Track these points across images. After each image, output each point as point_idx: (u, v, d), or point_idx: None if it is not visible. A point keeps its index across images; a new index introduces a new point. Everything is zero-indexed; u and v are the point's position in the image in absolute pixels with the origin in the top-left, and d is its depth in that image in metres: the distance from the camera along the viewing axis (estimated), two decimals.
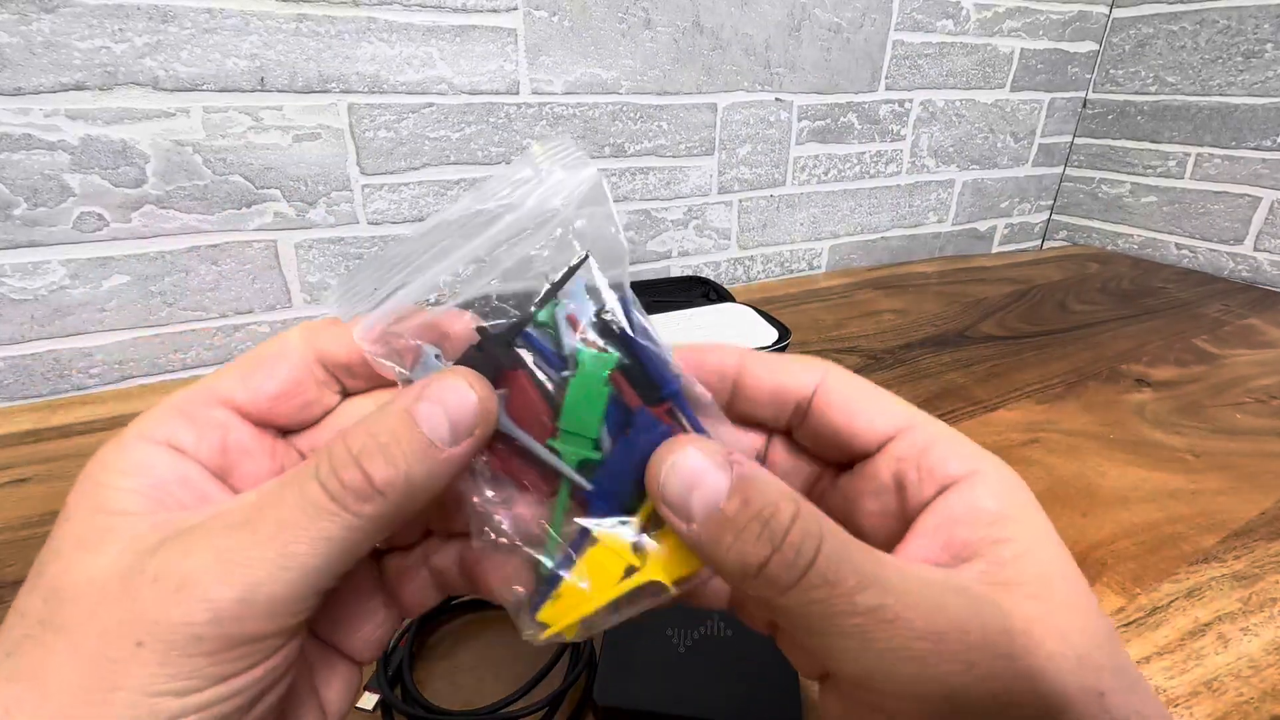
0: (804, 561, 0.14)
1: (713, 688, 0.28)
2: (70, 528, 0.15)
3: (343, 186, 0.62)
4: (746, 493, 0.14)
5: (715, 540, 0.15)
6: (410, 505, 0.15)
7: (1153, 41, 0.97)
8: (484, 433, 0.16)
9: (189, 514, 0.15)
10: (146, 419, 0.17)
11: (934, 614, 0.14)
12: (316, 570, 0.14)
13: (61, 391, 0.58)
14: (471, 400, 0.16)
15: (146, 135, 0.54)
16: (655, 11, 0.70)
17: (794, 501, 0.14)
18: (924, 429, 0.17)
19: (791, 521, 0.14)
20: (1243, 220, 0.91)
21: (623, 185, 0.76)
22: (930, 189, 1.00)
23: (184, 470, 0.16)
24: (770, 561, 0.14)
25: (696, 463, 0.15)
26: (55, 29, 0.49)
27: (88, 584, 0.14)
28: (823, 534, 0.14)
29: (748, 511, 0.14)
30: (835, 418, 0.18)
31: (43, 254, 0.54)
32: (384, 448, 0.15)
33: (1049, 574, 0.15)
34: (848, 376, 0.19)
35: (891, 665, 0.13)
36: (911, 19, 0.86)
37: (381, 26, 0.59)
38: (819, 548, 0.14)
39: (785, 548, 0.14)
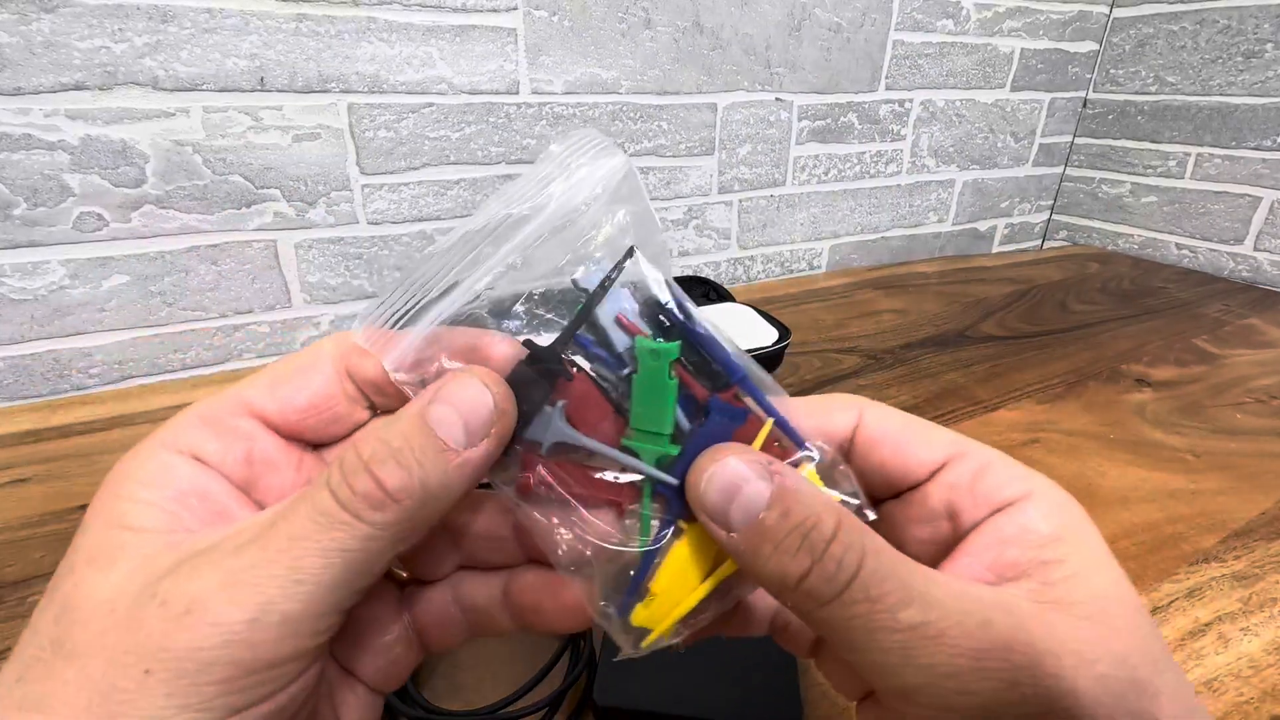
0: (845, 575, 0.13)
1: (713, 688, 0.28)
2: (84, 541, 0.15)
3: (342, 186, 0.62)
4: (787, 503, 0.14)
5: (754, 550, 0.14)
6: (427, 513, 0.15)
7: (1153, 41, 0.97)
8: (501, 433, 0.15)
9: (205, 533, 0.15)
10: (172, 427, 0.16)
11: (978, 631, 0.13)
12: (331, 585, 0.14)
13: (61, 391, 0.58)
14: (487, 401, 0.15)
15: (146, 135, 0.54)
16: (655, 11, 0.70)
17: (836, 514, 0.14)
18: (976, 455, 0.17)
19: (833, 534, 0.14)
20: (1243, 220, 0.91)
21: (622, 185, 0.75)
22: (930, 189, 1.00)
23: (205, 483, 0.16)
24: (810, 574, 0.14)
25: (737, 472, 0.15)
26: (55, 29, 0.49)
27: (97, 606, 0.13)
28: (865, 548, 0.14)
29: (788, 523, 0.14)
30: (882, 453, 0.18)
31: (42, 254, 0.54)
32: (396, 452, 0.14)
33: (1103, 595, 0.15)
34: (885, 410, 0.18)
35: (933, 682, 0.13)
36: (912, 19, 0.86)
37: (381, 26, 0.59)
38: (861, 561, 0.14)
39: (826, 560, 0.14)
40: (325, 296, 0.65)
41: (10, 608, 0.34)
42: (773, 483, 0.14)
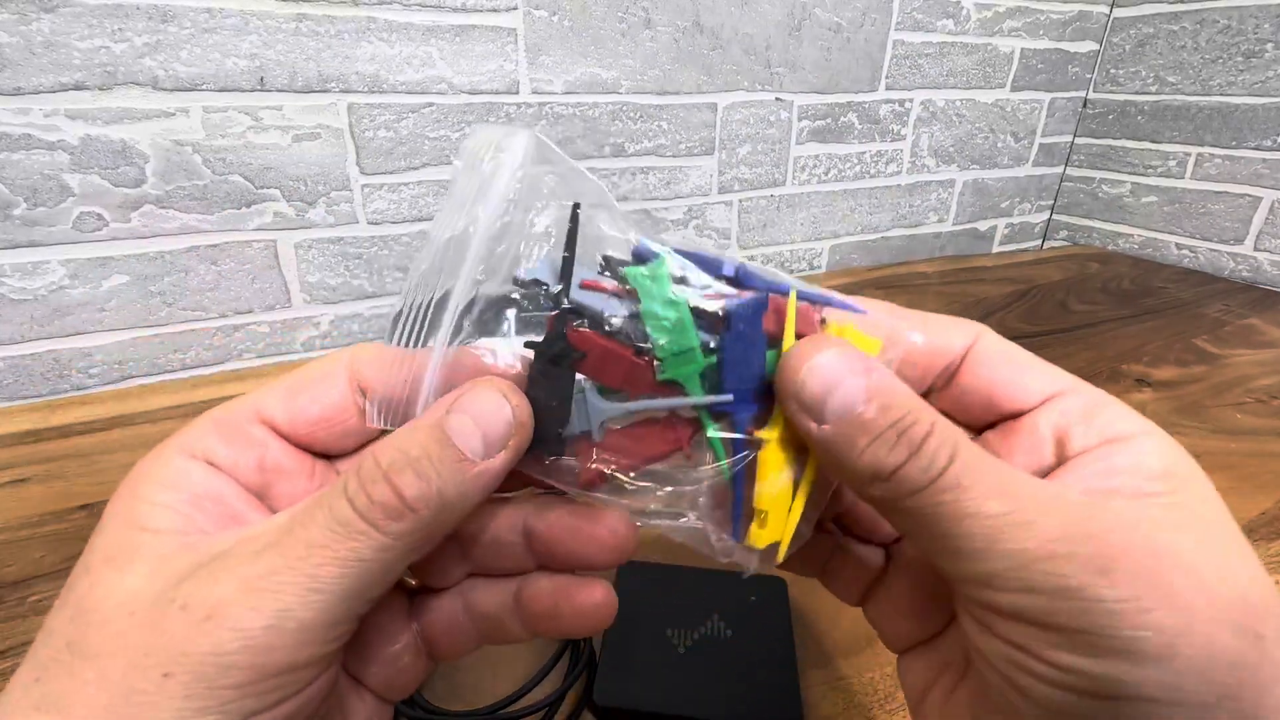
0: (939, 467, 0.14)
1: (713, 688, 0.28)
2: (101, 541, 0.15)
3: (342, 186, 0.62)
4: (886, 399, 0.15)
5: (849, 442, 0.15)
6: (443, 523, 0.15)
7: (1153, 41, 0.97)
8: (519, 444, 0.15)
9: (221, 536, 0.15)
10: (187, 432, 0.16)
11: (1072, 524, 0.13)
12: (347, 593, 0.14)
13: (61, 391, 0.58)
14: (505, 412, 0.15)
15: (146, 135, 0.54)
16: (655, 11, 0.70)
17: (930, 413, 0.15)
18: (1091, 392, 0.17)
19: (929, 430, 0.14)
20: (1243, 220, 0.91)
21: (623, 185, 0.76)
22: (930, 189, 1.00)
23: (219, 487, 0.16)
24: (906, 465, 0.14)
25: (837, 365, 0.15)
26: (55, 29, 0.49)
27: (115, 608, 0.13)
28: (957, 445, 0.14)
29: (886, 417, 0.14)
30: (994, 375, 0.18)
31: (42, 254, 0.54)
32: (415, 462, 0.14)
33: (1214, 523, 0.14)
34: (1001, 339, 0.18)
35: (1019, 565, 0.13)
36: (912, 19, 0.86)
37: (381, 26, 0.59)
38: (954, 455, 0.14)
39: (921, 454, 0.14)
40: (325, 296, 0.65)
41: (10, 608, 0.34)
42: (869, 378, 0.15)
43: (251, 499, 0.16)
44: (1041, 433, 0.17)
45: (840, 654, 0.32)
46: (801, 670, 0.30)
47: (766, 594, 0.34)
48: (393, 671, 0.18)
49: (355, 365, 0.18)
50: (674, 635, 0.31)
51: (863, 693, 0.30)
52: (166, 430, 0.51)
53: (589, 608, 0.18)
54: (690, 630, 0.31)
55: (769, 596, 0.33)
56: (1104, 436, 0.16)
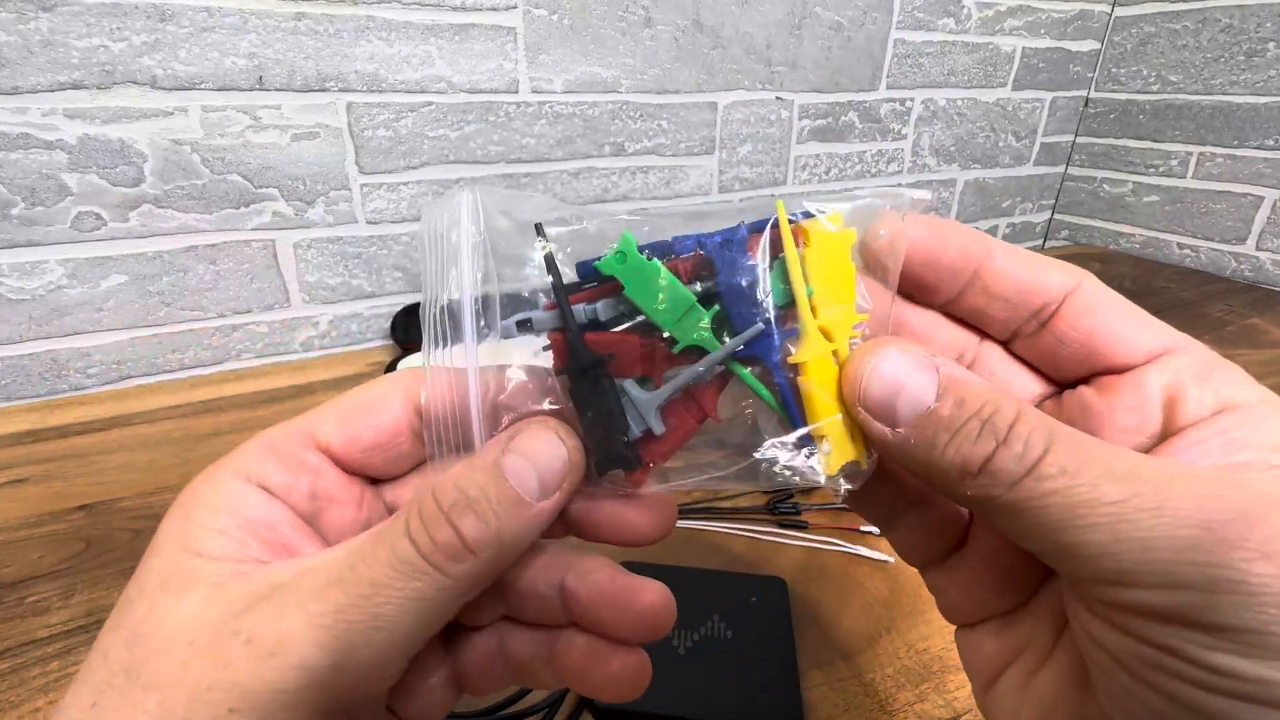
0: (1035, 453, 0.12)
1: (713, 689, 0.28)
2: (156, 564, 0.15)
3: (341, 186, 0.62)
4: (960, 392, 0.14)
5: (929, 443, 0.14)
6: (501, 563, 0.15)
7: (1155, 40, 0.96)
8: (573, 484, 0.15)
9: (276, 566, 0.15)
10: (242, 454, 0.16)
11: (1208, 501, 0.11)
12: (408, 632, 0.14)
13: (59, 392, 0.58)
14: (561, 453, 0.15)
15: (144, 134, 0.54)
16: (655, 10, 0.70)
17: (1014, 399, 0.13)
18: (1203, 352, 0.15)
19: (1016, 417, 0.13)
20: (1245, 220, 0.91)
21: (623, 184, 0.75)
22: (932, 188, 0.99)
23: (272, 513, 0.16)
24: (995, 455, 0.13)
25: (899, 365, 0.14)
26: (53, 28, 0.49)
27: (174, 635, 0.13)
28: (1052, 429, 0.13)
29: (964, 410, 0.13)
30: (1096, 324, 0.16)
31: (40, 254, 0.54)
32: (474, 504, 0.14)
33: None
34: (1105, 287, 0.16)
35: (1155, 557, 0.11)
36: (913, 17, 0.85)
37: (380, 25, 0.59)
38: (1050, 439, 0.12)
39: (1013, 440, 0.13)
40: (324, 296, 0.65)
41: (9, 608, 0.34)
42: (938, 373, 0.14)
43: (303, 527, 0.16)
44: (1149, 392, 0.15)
45: (840, 654, 0.32)
46: (802, 670, 0.30)
47: (766, 594, 0.33)
48: (425, 703, 0.18)
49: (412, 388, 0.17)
50: (674, 636, 0.30)
51: (863, 693, 0.30)
52: (165, 430, 0.51)
53: (623, 676, 0.17)
54: (691, 631, 0.31)
55: (769, 597, 0.33)
56: (1220, 403, 0.14)
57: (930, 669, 0.31)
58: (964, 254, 0.16)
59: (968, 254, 0.16)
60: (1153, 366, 0.15)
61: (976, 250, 0.16)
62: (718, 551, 0.38)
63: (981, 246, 0.16)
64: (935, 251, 0.16)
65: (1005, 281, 0.16)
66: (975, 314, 0.17)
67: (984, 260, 0.16)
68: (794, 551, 0.38)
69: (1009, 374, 0.18)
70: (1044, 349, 0.17)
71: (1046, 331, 0.16)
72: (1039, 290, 0.16)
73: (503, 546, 0.14)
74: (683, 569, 0.35)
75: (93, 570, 0.37)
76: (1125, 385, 0.16)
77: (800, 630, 0.32)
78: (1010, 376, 0.18)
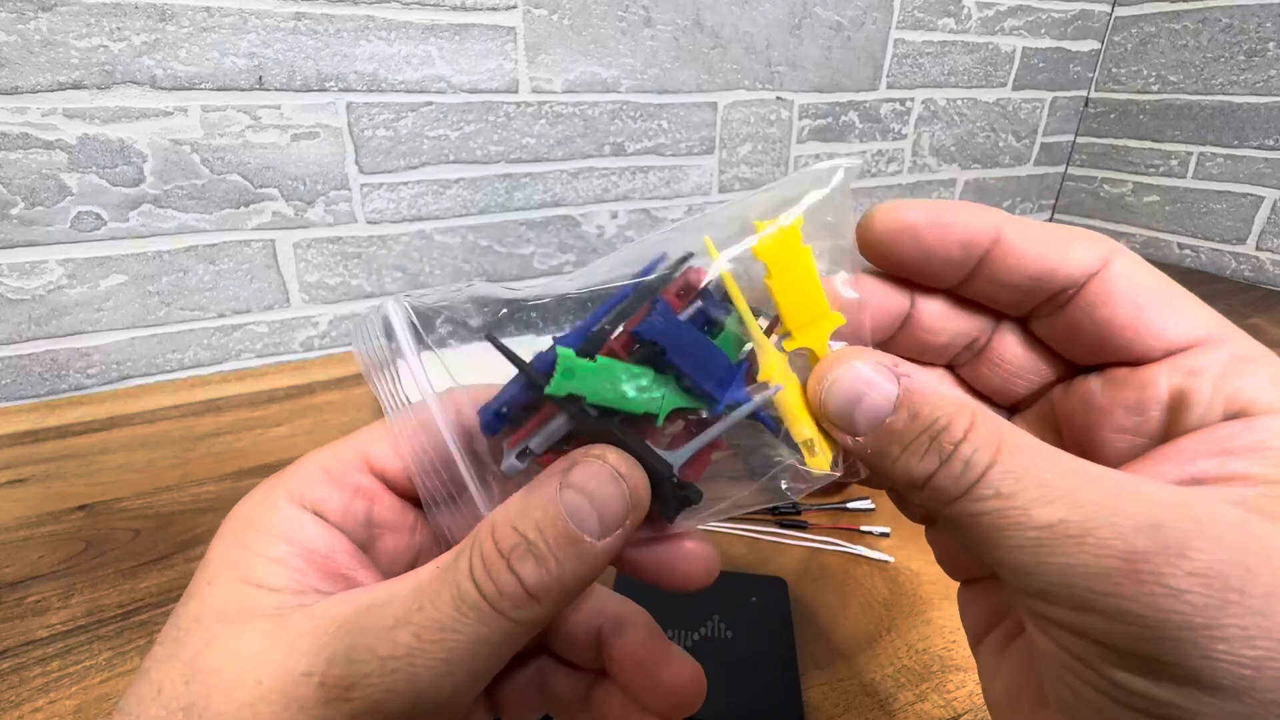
0: (973, 474, 0.13)
1: (713, 688, 0.28)
2: (213, 593, 0.14)
3: (341, 185, 0.62)
4: (914, 406, 0.14)
5: (882, 453, 0.14)
6: (564, 604, 0.15)
7: (1155, 40, 0.96)
8: (635, 521, 0.15)
9: (337, 599, 0.15)
10: (296, 477, 0.16)
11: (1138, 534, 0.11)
12: (475, 674, 0.14)
13: (59, 391, 0.58)
14: (621, 492, 0.14)
15: (144, 134, 0.54)
16: (655, 10, 0.70)
17: (969, 413, 0.13)
18: (1235, 344, 0.14)
19: (964, 434, 0.13)
20: (1245, 220, 0.91)
21: (622, 184, 0.75)
22: (932, 188, 0.99)
23: (328, 542, 0.16)
24: (936, 474, 0.13)
25: (861, 375, 0.14)
26: (53, 28, 0.49)
27: (239, 674, 0.13)
28: (1001, 444, 0.13)
29: (916, 425, 0.14)
30: (1117, 312, 0.15)
31: (40, 253, 0.54)
32: (533, 546, 0.14)
33: None
34: (1138, 264, 0.15)
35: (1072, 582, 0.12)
36: (913, 17, 0.85)
37: (380, 25, 0.58)
38: (994, 458, 0.13)
39: (953, 460, 0.13)
40: (324, 296, 0.65)
41: (9, 608, 0.34)
42: (899, 385, 0.14)
43: (359, 555, 0.16)
44: (1155, 392, 0.14)
45: (840, 654, 0.32)
46: (802, 670, 0.30)
47: (766, 594, 0.33)
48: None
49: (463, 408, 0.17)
50: (675, 636, 0.30)
51: (863, 693, 0.30)
52: (165, 430, 0.51)
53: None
54: (691, 631, 0.31)
55: (769, 597, 0.33)
56: (1233, 408, 0.13)
57: (930, 669, 0.31)
58: (965, 244, 0.16)
59: (970, 243, 0.16)
60: (1167, 364, 0.15)
61: (981, 237, 0.15)
62: (718, 552, 0.38)
63: (987, 231, 0.15)
64: (929, 244, 0.16)
65: (1013, 270, 0.15)
66: (986, 298, 0.17)
67: (990, 246, 0.15)
68: (794, 551, 0.38)
69: (1025, 356, 0.17)
70: (1058, 333, 0.16)
71: (1062, 317, 0.16)
72: (1053, 275, 0.15)
73: (565, 590, 0.14)
74: None
75: (92, 570, 0.37)
76: (1132, 381, 0.15)
77: (800, 630, 0.32)
78: (1025, 360, 0.17)
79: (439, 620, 0.13)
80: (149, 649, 0.14)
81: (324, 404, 0.56)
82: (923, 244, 0.16)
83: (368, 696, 0.13)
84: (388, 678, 0.13)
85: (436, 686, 0.13)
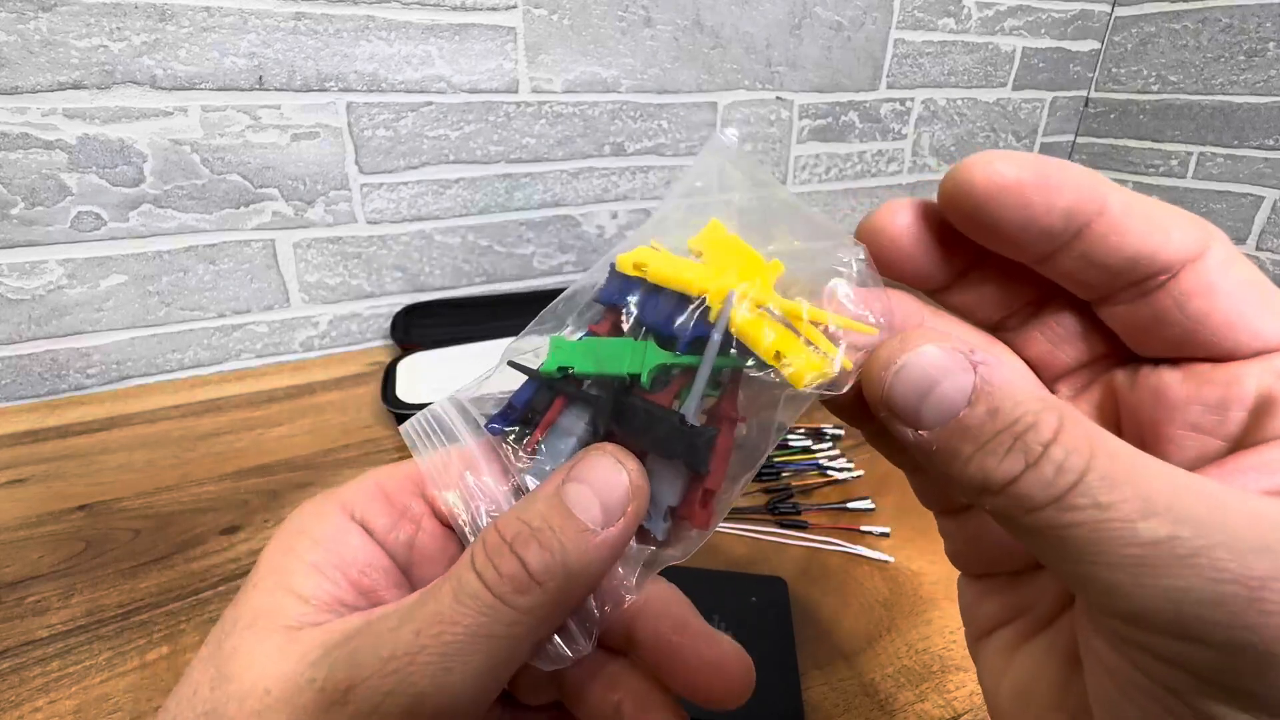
0: (1067, 480, 0.11)
1: None
2: (252, 598, 0.15)
3: (341, 185, 0.62)
4: (995, 399, 0.12)
5: (951, 452, 0.12)
6: (568, 597, 0.14)
7: (1155, 40, 0.96)
8: (637, 510, 0.15)
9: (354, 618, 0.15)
10: (352, 490, 0.17)
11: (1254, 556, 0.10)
12: (478, 673, 0.13)
13: (59, 391, 0.58)
14: (622, 480, 0.15)
15: (144, 134, 0.54)
16: (655, 10, 0.70)
17: (1057, 412, 0.12)
18: None
19: (1054, 435, 0.11)
20: (1245, 220, 0.91)
21: (623, 184, 0.75)
22: (932, 188, 0.99)
23: (368, 556, 0.16)
24: (1022, 478, 0.11)
25: (933, 362, 0.13)
26: (53, 28, 0.49)
27: (253, 684, 0.13)
28: (1094, 449, 0.11)
29: (996, 422, 0.12)
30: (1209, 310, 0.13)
31: (40, 253, 0.54)
32: (537, 533, 0.14)
33: None
34: (1235, 254, 0.14)
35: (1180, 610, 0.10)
36: (913, 17, 0.85)
37: (380, 25, 0.58)
38: (1089, 464, 0.11)
39: (1044, 463, 0.11)
40: (324, 296, 0.65)
41: (9, 608, 0.34)
42: (976, 374, 0.12)
43: (395, 575, 0.16)
44: (1242, 390, 0.13)
45: (840, 654, 0.32)
46: (802, 670, 0.30)
47: (767, 594, 0.33)
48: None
49: None
50: None
51: (863, 693, 0.30)
52: (165, 430, 0.51)
53: None
54: None
55: (769, 596, 0.33)
56: None
57: (930, 669, 0.31)
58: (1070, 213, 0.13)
59: (1075, 212, 0.13)
60: (1258, 362, 0.13)
61: (1088, 205, 0.13)
62: (718, 552, 0.38)
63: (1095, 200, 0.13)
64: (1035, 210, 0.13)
65: (1113, 250, 0.13)
66: (1065, 276, 0.14)
67: (1094, 219, 0.13)
68: (794, 551, 0.38)
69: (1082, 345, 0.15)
70: (1136, 321, 0.14)
71: (1146, 304, 0.14)
72: (1153, 259, 0.13)
73: (569, 577, 0.14)
74: (683, 569, 0.35)
75: (92, 570, 0.37)
76: (1217, 378, 0.13)
77: (800, 630, 0.32)
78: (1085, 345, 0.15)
79: (438, 613, 0.13)
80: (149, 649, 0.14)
81: (324, 404, 0.56)
82: (1028, 209, 0.13)
83: (366, 699, 0.13)
84: (386, 679, 0.13)
85: (436, 687, 0.13)
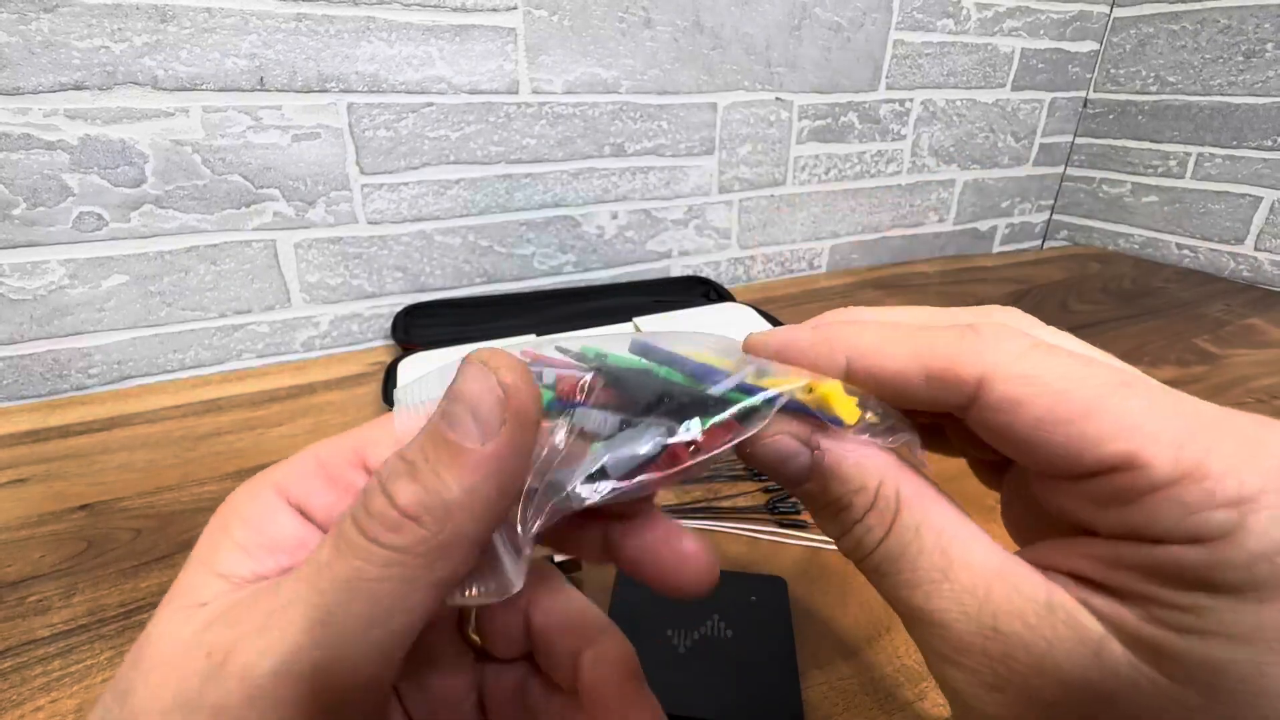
0: (865, 550, 0.15)
1: (713, 688, 0.28)
2: (180, 579, 0.14)
3: (342, 186, 0.62)
4: (823, 480, 0.15)
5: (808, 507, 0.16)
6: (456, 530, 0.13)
7: (1153, 41, 0.97)
8: (522, 420, 0.13)
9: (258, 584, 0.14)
10: (289, 470, 0.16)
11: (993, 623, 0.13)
12: (362, 621, 0.12)
13: (60, 391, 0.58)
14: (490, 384, 0.13)
15: (146, 135, 0.54)
16: (655, 11, 0.70)
17: (872, 493, 0.15)
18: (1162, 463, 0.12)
19: (863, 514, 0.15)
20: (1243, 220, 0.91)
21: (623, 185, 0.75)
22: (931, 188, 1.00)
23: (298, 536, 0.15)
24: (839, 542, 0.16)
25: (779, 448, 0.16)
26: (54, 28, 0.49)
27: (156, 658, 0.13)
28: (892, 527, 0.14)
29: (825, 497, 0.15)
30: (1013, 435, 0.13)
31: (42, 254, 0.54)
32: (410, 466, 0.13)
33: None
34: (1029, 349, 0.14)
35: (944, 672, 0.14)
36: (912, 18, 0.86)
37: (381, 26, 0.59)
38: (882, 541, 0.14)
39: (848, 537, 0.15)
40: (325, 296, 0.65)
41: (10, 607, 0.34)
42: (810, 458, 0.15)
43: None
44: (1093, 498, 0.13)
45: (840, 654, 0.32)
46: (802, 670, 0.30)
47: (766, 594, 0.33)
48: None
49: None
50: (674, 635, 0.31)
51: (863, 693, 0.30)
52: (166, 430, 0.51)
53: None
54: (690, 630, 0.31)
55: (769, 596, 0.33)
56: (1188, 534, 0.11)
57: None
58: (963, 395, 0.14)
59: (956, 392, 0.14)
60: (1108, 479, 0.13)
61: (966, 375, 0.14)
62: (717, 551, 0.38)
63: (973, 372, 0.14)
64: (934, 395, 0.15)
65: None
66: None
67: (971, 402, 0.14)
68: (794, 551, 0.38)
69: None
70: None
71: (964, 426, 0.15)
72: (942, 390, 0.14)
73: (448, 508, 0.12)
74: None
75: (94, 570, 0.37)
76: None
77: (800, 630, 0.32)
78: None
79: (315, 562, 0.13)
80: None
81: (325, 404, 0.56)
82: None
83: (238, 660, 0.12)
84: (259, 636, 0.12)
85: (313, 640, 0.12)
